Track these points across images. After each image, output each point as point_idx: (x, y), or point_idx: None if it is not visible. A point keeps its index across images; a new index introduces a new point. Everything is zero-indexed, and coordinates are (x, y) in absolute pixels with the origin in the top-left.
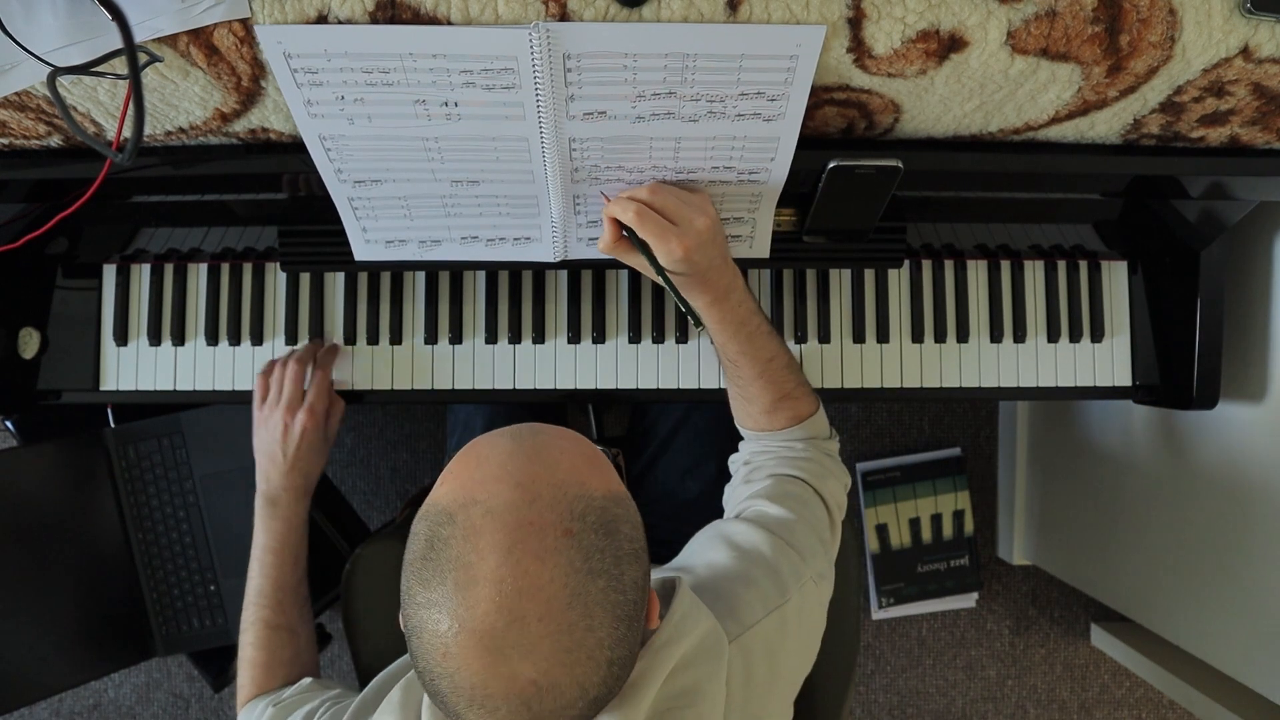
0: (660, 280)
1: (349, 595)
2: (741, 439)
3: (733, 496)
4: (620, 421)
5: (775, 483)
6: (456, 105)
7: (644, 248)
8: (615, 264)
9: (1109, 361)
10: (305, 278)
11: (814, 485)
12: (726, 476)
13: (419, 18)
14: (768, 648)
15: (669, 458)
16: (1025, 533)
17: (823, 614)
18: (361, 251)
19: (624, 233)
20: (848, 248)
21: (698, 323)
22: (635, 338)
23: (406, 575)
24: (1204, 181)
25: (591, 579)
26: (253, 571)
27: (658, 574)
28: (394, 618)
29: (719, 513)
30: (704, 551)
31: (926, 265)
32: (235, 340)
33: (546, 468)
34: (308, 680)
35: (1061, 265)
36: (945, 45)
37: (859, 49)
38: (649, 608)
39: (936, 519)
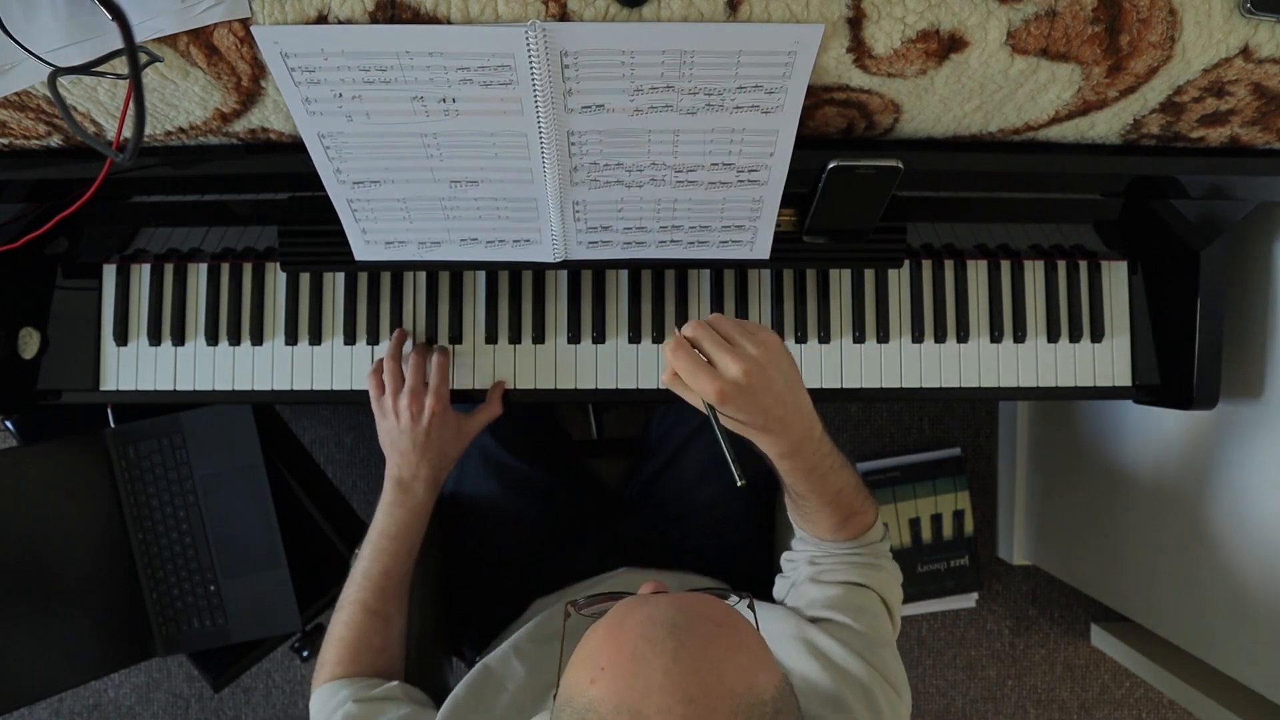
0: (717, 430)
1: None
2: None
3: (800, 593)
4: (628, 422)
5: (848, 592)
6: (454, 102)
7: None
8: (615, 264)
9: (1109, 361)
10: (305, 278)
11: (881, 595)
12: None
13: (419, 17)
14: None
15: (684, 462)
16: (1025, 533)
17: None
18: (361, 252)
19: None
20: (848, 248)
21: (739, 479)
22: (635, 338)
23: None
24: (1204, 181)
25: None
26: (364, 553)
27: None
28: None
29: (730, 519)
30: (788, 653)
31: (926, 265)
32: (235, 340)
33: (717, 674)
34: (396, 684)
35: (1061, 265)
36: (945, 45)
37: (859, 49)
38: None
39: (936, 519)
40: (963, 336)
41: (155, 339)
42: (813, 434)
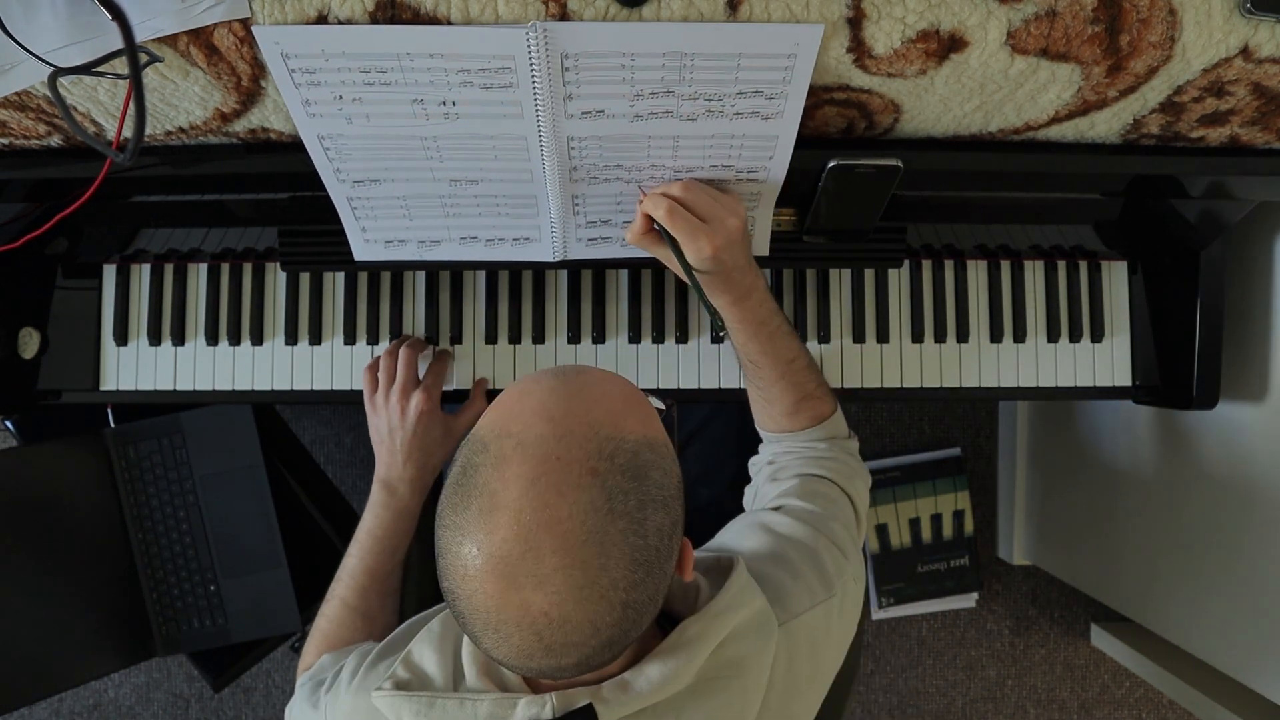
0: (685, 277)
1: None
2: (760, 442)
3: (760, 495)
4: None
5: (803, 482)
6: (454, 104)
7: (673, 243)
8: (615, 264)
9: (1109, 361)
10: (305, 277)
11: (841, 484)
12: (740, 484)
13: (419, 18)
14: (811, 640)
15: (682, 464)
16: (1025, 533)
17: (858, 613)
18: (361, 251)
19: (654, 226)
20: (848, 248)
21: (721, 325)
22: (635, 338)
23: (441, 498)
24: (1204, 181)
25: (612, 519)
26: (351, 550)
27: (707, 552)
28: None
29: (728, 520)
30: (742, 539)
31: (926, 265)
32: (235, 340)
33: (584, 405)
34: (369, 643)
35: (1061, 265)
36: (945, 45)
37: (859, 49)
38: (681, 559)
39: (936, 519)
40: (963, 336)
41: (155, 339)
42: (759, 282)
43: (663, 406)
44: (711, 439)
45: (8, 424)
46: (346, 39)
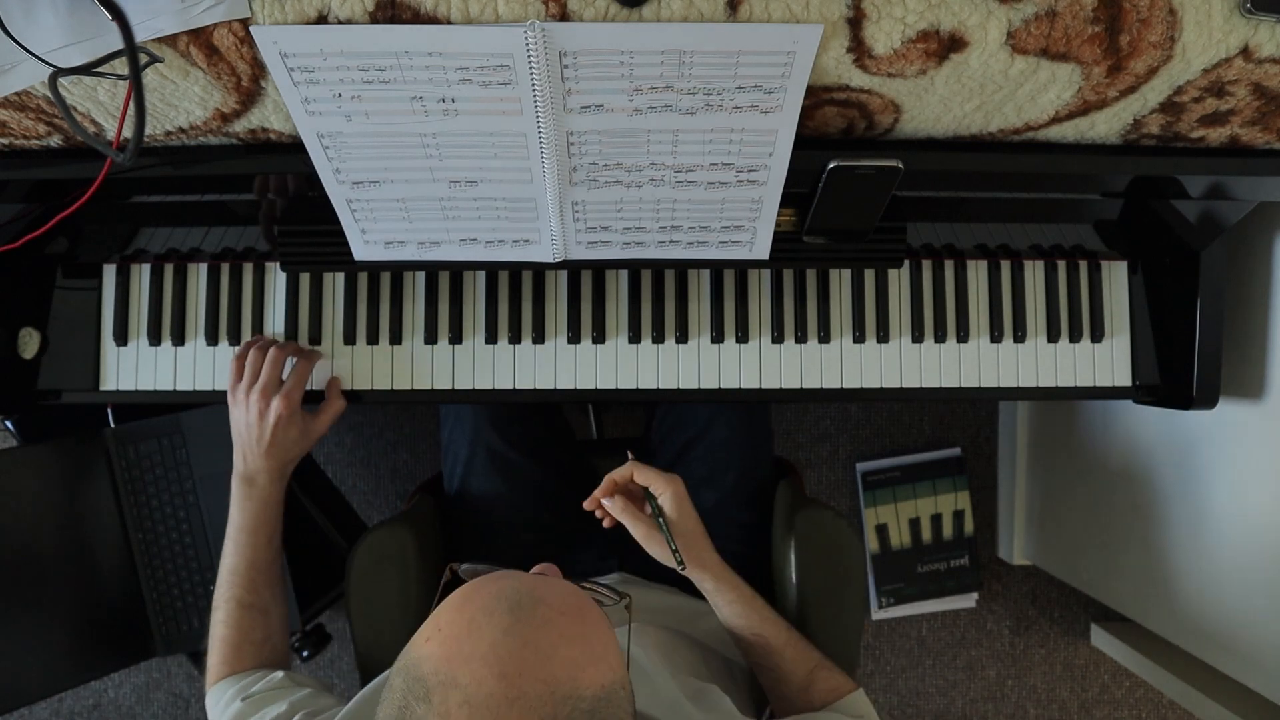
0: (668, 551)
1: (352, 580)
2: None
3: None
4: (628, 422)
5: None
6: (454, 102)
7: (655, 508)
8: (615, 264)
9: (1109, 361)
10: (305, 278)
11: None
12: (743, 488)
13: (419, 17)
14: None
15: (685, 466)
16: (1025, 533)
17: None
18: (361, 252)
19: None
20: (848, 248)
21: (680, 563)
22: (635, 338)
23: None
24: (1204, 181)
25: None
26: (226, 550)
27: None
28: (396, 605)
29: (732, 525)
30: None
31: (926, 265)
32: (235, 340)
33: (540, 657)
34: (280, 674)
35: (1061, 265)
36: (945, 45)
37: (859, 49)
38: None
39: (936, 519)
40: (963, 336)
41: (155, 339)
42: (726, 571)
43: (614, 596)
44: (715, 441)
45: (8, 424)
46: (345, 38)
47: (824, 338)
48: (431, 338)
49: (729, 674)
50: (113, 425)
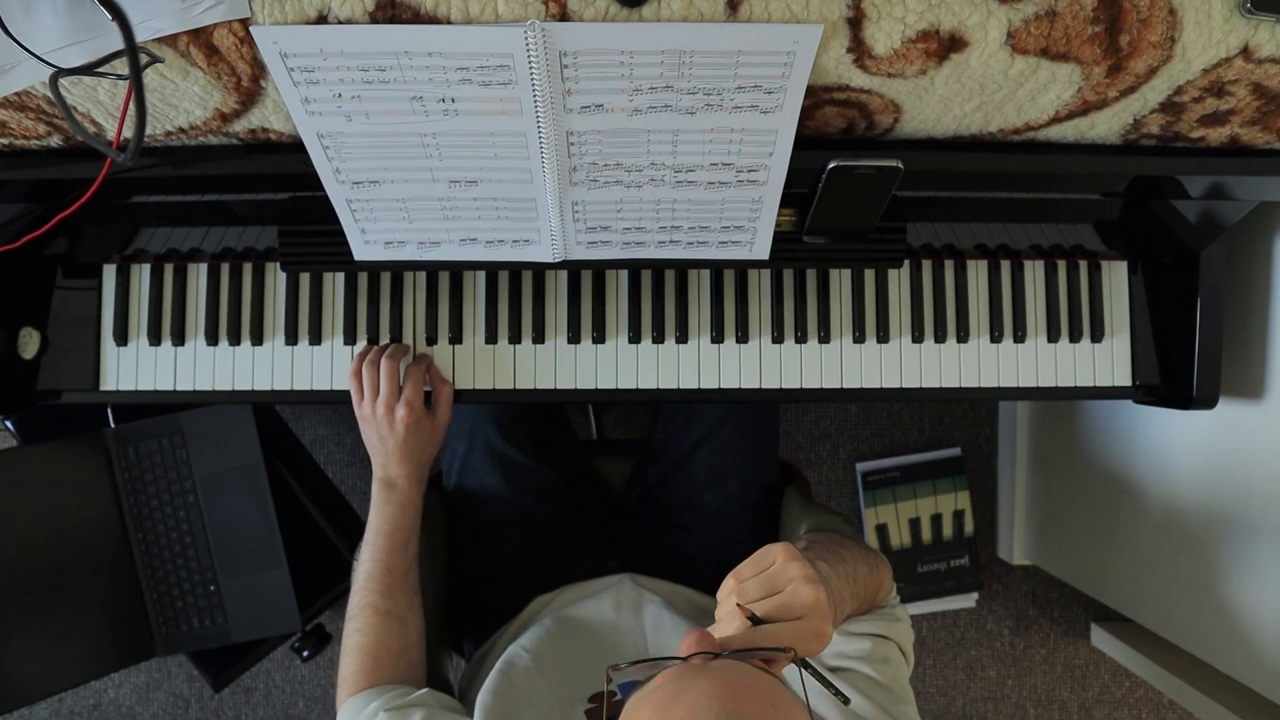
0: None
1: None
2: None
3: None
4: (628, 423)
5: (873, 645)
6: (453, 102)
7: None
8: (615, 264)
9: (1109, 361)
10: (305, 278)
11: (900, 645)
12: (747, 495)
13: (419, 17)
14: None
15: (689, 469)
16: (1025, 533)
17: None
18: (361, 252)
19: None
20: (848, 248)
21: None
22: (635, 338)
23: None
24: (1204, 181)
25: None
26: (363, 556)
27: None
28: None
29: (734, 529)
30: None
31: (926, 265)
32: (235, 340)
33: None
34: (426, 691)
35: (1061, 265)
36: (945, 45)
37: (859, 49)
38: None
39: (936, 519)
40: (963, 336)
41: (155, 339)
42: (837, 607)
43: (776, 651)
44: (720, 444)
45: (8, 424)
46: (345, 38)
47: (824, 338)
48: (431, 338)
49: None
50: (113, 425)
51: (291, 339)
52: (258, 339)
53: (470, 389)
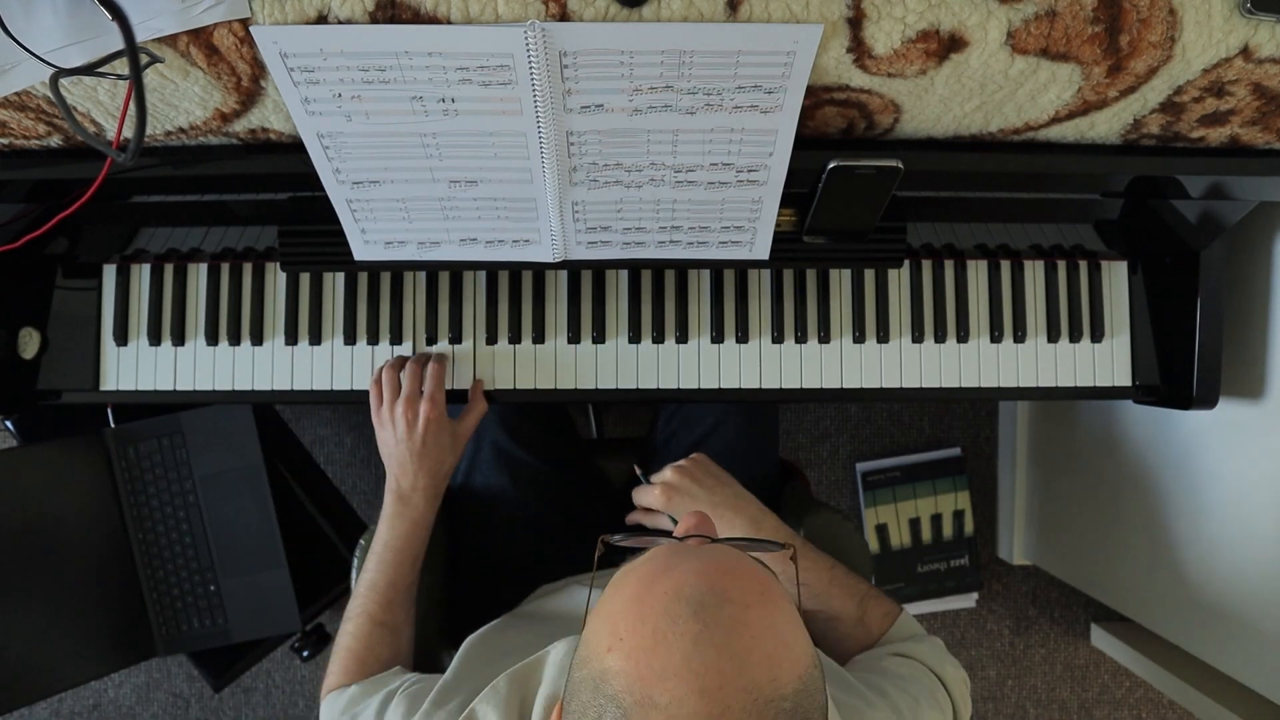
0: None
1: (358, 569)
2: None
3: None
4: (629, 422)
5: (885, 660)
6: (453, 102)
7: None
8: (615, 264)
9: (1109, 361)
10: (305, 278)
11: (930, 665)
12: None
13: (419, 17)
14: None
15: None
16: (1025, 533)
17: None
18: (361, 252)
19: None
20: (848, 248)
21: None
22: (635, 338)
23: None
24: (1204, 181)
25: None
26: (369, 564)
27: None
28: None
29: None
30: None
31: (926, 265)
32: (235, 340)
33: (738, 665)
34: (397, 668)
35: (1061, 265)
36: (945, 45)
37: (859, 49)
38: None
39: (936, 519)
40: (963, 336)
41: (155, 339)
42: (764, 515)
43: (776, 545)
44: (721, 442)
45: (8, 424)
46: (345, 38)
47: (824, 338)
48: (431, 338)
49: None
50: (113, 425)
51: (291, 339)
52: (258, 339)
53: (470, 389)
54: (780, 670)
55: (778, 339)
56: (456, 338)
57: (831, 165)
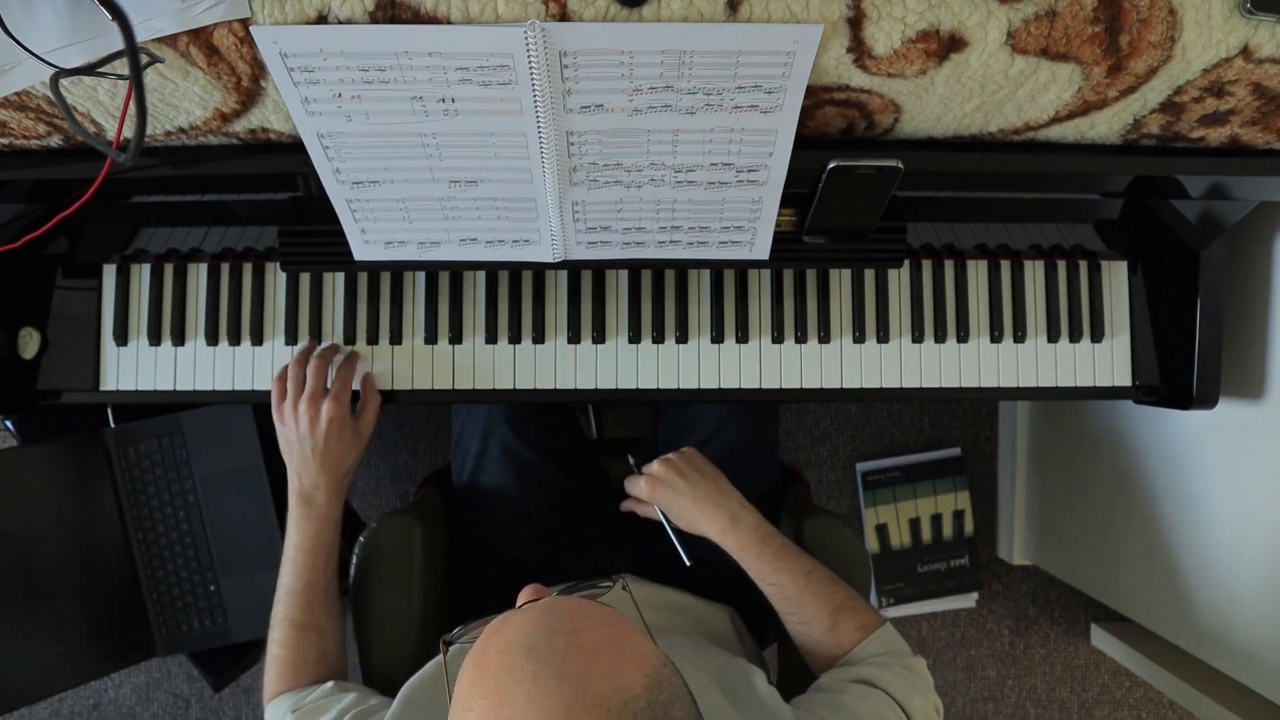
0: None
1: (359, 567)
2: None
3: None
4: (629, 422)
5: (841, 694)
6: (453, 102)
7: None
8: (615, 264)
9: (1109, 361)
10: (305, 278)
11: (895, 696)
12: (749, 495)
13: (419, 17)
14: None
15: None
16: (1025, 533)
17: None
18: (361, 252)
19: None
20: (848, 248)
21: (686, 560)
22: (635, 338)
23: None
24: (1204, 181)
25: None
26: (284, 570)
27: None
28: (401, 594)
29: None
30: None
31: (926, 265)
32: (235, 340)
33: (579, 686)
34: (329, 684)
35: (1061, 265)
36: (945, 45)
37: (859, 49)
38: None
39: (936, 519)
40: (963, 336)
41: (155, 339)
42: (749, 510)
43: (606, 584)
44: (722, 445)
45: (8, 424)
46: (345, 38)
47: (824, 338)
48: (431, 338)
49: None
50: (113, 425)
51: (291, 339)
52: (258, 339)
53: (470, 389)
54: (625, 676)
55: (778, 339)
56: (456, 338)
57: (831, 165)
